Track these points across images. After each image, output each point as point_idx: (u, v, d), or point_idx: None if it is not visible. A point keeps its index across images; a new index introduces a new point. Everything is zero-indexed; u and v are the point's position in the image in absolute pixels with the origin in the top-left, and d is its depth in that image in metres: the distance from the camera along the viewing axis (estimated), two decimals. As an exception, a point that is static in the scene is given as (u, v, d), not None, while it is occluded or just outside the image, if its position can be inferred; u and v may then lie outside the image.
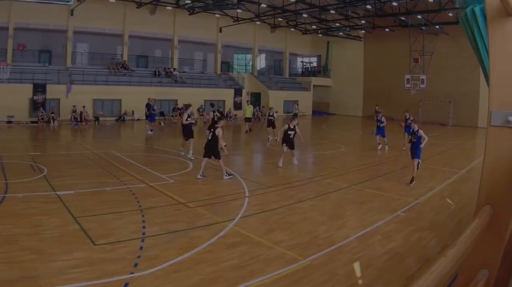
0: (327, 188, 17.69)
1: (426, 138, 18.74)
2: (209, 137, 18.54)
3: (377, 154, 27.51)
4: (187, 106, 24.26)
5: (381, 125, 28.72)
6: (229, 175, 18.62)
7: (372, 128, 33.13)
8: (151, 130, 34.56)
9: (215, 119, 22.57)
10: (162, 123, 42.14)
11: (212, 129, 18.60)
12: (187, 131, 23.75)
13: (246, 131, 39.70)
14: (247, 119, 40.11)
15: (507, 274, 3.47)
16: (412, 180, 18.38)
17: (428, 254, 10.75)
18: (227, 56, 65.36)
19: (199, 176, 18.42)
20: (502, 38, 3.16)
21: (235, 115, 52.81)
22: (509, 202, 3.25)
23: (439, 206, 15.53)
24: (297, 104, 53.72)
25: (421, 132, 18.52)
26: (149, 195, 15.65)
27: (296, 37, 69.14)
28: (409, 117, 26.76)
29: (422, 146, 18.73)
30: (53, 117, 41.12)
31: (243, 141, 35.79)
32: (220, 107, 52.09)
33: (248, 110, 40.55)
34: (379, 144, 29.00)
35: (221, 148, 18.80)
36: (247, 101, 41.01)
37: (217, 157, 18.55)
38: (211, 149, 18.51)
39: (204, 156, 18.68)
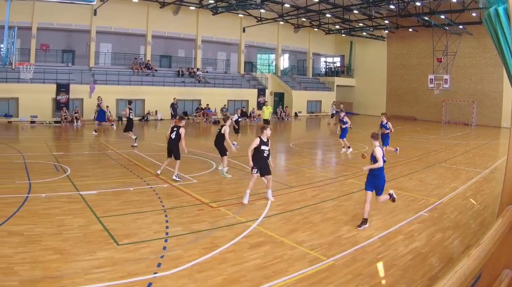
0: (350, 188, 17.71)
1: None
2: (172, 136, 18.30)
3: (401, 153, 27.31)
4: (226, 118, 20.89)
5: (344, 126, 27.55)
6: (179, 178, 18.26)
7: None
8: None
9: (223, 118, 22.51)
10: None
11: (175, 129, 18.48)
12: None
13: None
14: (265, 122, 36.12)
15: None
16: None
17: (451, 254, 10.71)
18: (251, 56, 65.45)
19: (174, 177, 18.19)
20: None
21: (259, 115, 52.79)
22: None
23: (462, 206, 15.44)
24: (335, 105, 52.76)
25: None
26: (172, 195, 15.71)
27: (319, 37, 69.06)
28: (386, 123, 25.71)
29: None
30: (76, 117, 41.36)
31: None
32: (243, 107, 52.22)
33: (266, 111, 37.01)
34: (343, 147, 27.86)
35: (233, 144, 18.82)
36: (265, 102, 39.75)
37: (177, 157, 18.49)
38: (174, 148, 18.47)
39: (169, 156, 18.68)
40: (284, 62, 70.36)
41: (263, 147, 15.01)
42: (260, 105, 49.65)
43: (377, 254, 10.48)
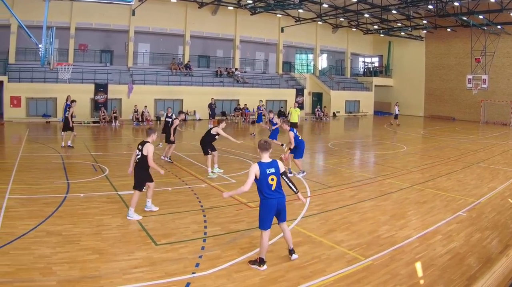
0: (388, 188, 17.60)
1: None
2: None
3: (439, 154, 27.06)
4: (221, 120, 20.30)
5: (273, 127, 25.60)
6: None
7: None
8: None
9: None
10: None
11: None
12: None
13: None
14: (293, 125, 29.48)
15: None
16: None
17: (489, 254, 10.55)
18: (289, 56, 65.30)
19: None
20: None
21: (290, 113, 52.93)
22: None
23: (500, 206, 15.22)
24: (397, 105, 51.50)
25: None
26: (210, 194, 15.72)
27: (357, 37, 68.69)
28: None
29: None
30: (115, 117, 41.73)
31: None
32: (281, 107, 52.20)
33: (294, 114, 34.13)
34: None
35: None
36: (294, 103, 38.02)
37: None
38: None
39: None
40: (323, 62, 70.11)
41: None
42: (299, 106, 49.27)
43: (415, 254, 10.39)
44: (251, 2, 50.57)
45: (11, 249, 9.81)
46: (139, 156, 12.69)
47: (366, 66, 72.66)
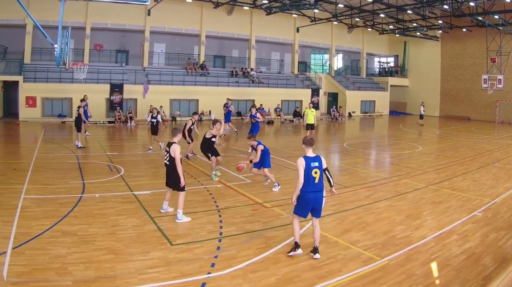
0: (404, 188, 17.56)
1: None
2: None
3: (455, 154, 26.94)
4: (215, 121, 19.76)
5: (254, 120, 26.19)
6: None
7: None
8: (236, 131, 34.58)
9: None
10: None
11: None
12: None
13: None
14: (309, 127, 31.27)
15: None
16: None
17: (505, 254, 10.53)
18: (304, 56, 65.35)
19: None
20: None
21: (306, 113, 52.91)
22: None
23: (516, 206, 15.14)
24: (423, 105, 50.81)
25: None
26: (226, 195, 15.74)
27: (373, 37, 68.61)
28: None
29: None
30: (130, 117, 41.77)
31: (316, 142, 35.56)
32: (297, 107, 52.19)
33: (310, 115, 31.63)
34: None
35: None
36: (309, 104, 37.23)
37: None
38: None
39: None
40: (338, 62, 70.04)
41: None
42: (314, 105, 49.03)
43: (431, 254, 10.37)
44: (266, 2, 50.68)
45: (27, 249, 9.84)
46: (167, 158, 12.77)
47: (381, 66, 72.51)
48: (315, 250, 10.12)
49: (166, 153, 12.87)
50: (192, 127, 22.55)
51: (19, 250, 9.72)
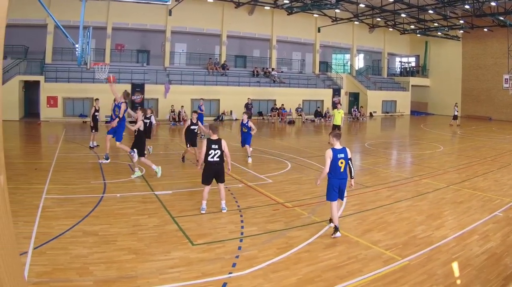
0: (425, 188, 17.46)
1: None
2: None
3: (476, 153, 26.79)
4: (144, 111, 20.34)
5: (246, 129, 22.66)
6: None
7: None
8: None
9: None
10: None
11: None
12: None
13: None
14: (335, 128, 29.68)
15: None
16: None
17: (526, 254, 10.44)
18: (326, 56, 65.17)
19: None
20: None
21: (333, 114, 52.95)
22: None
23: (537, 205, 15.06)
24: (456, 106, 49.91)
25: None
26: (247, 194, 15.72)
27: (394, 37, 68.38)
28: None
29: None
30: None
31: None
32: (318, 107, 52.18)
33: (338, 116, 31.04)
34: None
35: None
36: (336, 104, 36.44)
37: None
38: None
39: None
40: (359, 62, 69.95)
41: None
42: (334, 105, 48.78)
43: (452, 254, 10.32)
44: (287, 2, 50.78)
45: (48, 249, 9.89)
46: (218, 154, 13.02)
47: (403, 66, 72.18)
48: (335, 229, 11.35)
49: (213, 150, 13.01)
50: (194, 128, 21.21)
51: (40, 250, 9.76)
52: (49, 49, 44.15)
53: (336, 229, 11.31)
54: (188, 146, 20.74)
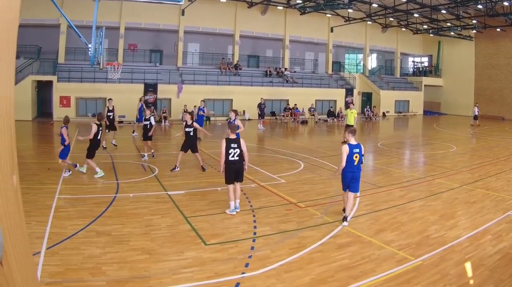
0: (438, 188, 17.44)
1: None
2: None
3: (489, 153, 26.67)
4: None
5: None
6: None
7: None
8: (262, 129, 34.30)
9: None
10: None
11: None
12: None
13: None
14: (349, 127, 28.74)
15: None
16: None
17: (539, 254, 10.40)
18: (338, 56, 65.11)
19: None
20: None
21: (346, 114, 52.91)
22: None
23: (551, 205, 14.99)
24: (477, 106, 49.06)
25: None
26: (260, 195, 15.73)
27: (407, 37, 68.18)
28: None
29: None
30: (164, 117, 41.93)
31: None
32: (331, 107, 52.20)
33: (351, 116, 31.27)
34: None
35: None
36: (349, 104, 35.84)
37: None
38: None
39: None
40: (372, 62, 69.83)
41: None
42: (347, 105, 48.56)
43: (465, 254, 10.31)
44: (300, 2, 50.75)
45: (61, 249, 9.93)
46: (238, 152, 13.10)
47: (415, 66, 71.87)
48: (345, 218, 12.47)
49: (233, 149, 13.09)
50: (189, 131, 19.89)
51: (53, 250, 9.81)
52: (62, 49, 44.31)
53: (344, 218, 12.49)
54: (184, 151, 19.80)
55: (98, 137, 18.33)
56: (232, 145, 12.97)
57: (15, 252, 3.38)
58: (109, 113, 25.34)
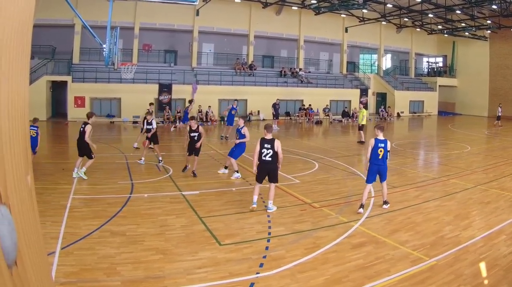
0: (453, 188, 17.42)
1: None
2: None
3: (503, 154, 26.55)
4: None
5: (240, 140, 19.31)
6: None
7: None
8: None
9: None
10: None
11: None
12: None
13: (360, 141, 30.97)
14: (361, 128, 31.69)
15: None
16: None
17: (553, 254, 10.36)
18: (353, 56, 65.00)
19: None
20: None
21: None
22: None
23: None
24: (500, 106, 49.76)
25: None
26: (275, 195, 15.39)
27: (421, 37, 67.95)
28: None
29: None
30: (179, 117, 41.69)
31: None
32: (346, 107, 52.06)
33: (361, 116, 31.83)
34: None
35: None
36: (361, 104, 35.27)
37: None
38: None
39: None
40: (387, 62, 69.72)
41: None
42: (364, 106, 48.68)
43: (480, 254, 10.27)
44: (315, 2, 50.75)
45: (75, 249, 9.97)
46: (270, 153, 13.24)
47: (430, 66, 71.66)
48: (385, 202, 14.19)
49: (266, 149, 13.28)
50: (194, 135, 18.79)
51: (68, 250, 9.85)
52: (76, 49, 44.51)
53: (361, 205, 13.60)
54: (188, 154, 19.28)
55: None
56: (266, 145, 13.18)
57: (29, 252, 3.39)
58: (148, 127, 22.54)
